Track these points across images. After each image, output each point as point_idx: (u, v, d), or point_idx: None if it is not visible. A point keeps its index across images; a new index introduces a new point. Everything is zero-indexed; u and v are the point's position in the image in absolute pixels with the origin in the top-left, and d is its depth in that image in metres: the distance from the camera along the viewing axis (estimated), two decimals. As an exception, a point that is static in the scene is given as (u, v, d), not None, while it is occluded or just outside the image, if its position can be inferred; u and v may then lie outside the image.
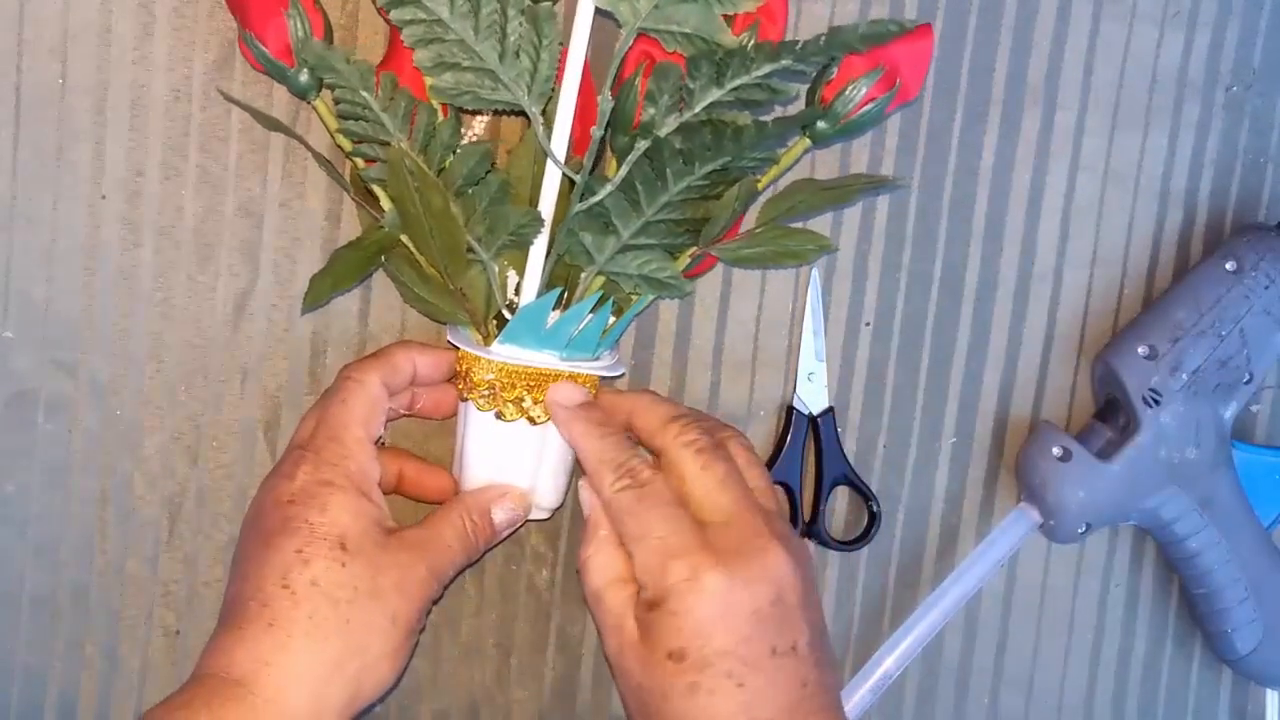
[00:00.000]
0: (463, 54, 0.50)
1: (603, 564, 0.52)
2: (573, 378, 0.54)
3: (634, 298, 0.55)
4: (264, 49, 0.52)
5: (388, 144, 0.52)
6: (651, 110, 0.50)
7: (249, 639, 0.49)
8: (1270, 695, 0.65)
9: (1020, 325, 0.63)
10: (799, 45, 0.49)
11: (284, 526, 0.50)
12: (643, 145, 0.50)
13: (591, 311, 0.53)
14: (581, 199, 0.52)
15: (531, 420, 0.54)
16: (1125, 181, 0.63)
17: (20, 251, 0.56)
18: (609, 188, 0.52)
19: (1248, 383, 0.60)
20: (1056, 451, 0.60)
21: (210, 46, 0.56)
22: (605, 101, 0.50)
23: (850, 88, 0.53)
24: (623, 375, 0.57)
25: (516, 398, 0.54)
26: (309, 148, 0.55)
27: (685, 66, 0.51)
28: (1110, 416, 0.61)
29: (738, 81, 0.50)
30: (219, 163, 0.57)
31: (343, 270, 0.53)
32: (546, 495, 0.56)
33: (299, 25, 0.52)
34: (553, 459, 0.55)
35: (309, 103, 0.53)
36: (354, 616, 0.49)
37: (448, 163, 0.53)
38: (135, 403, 0.58)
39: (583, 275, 0.55)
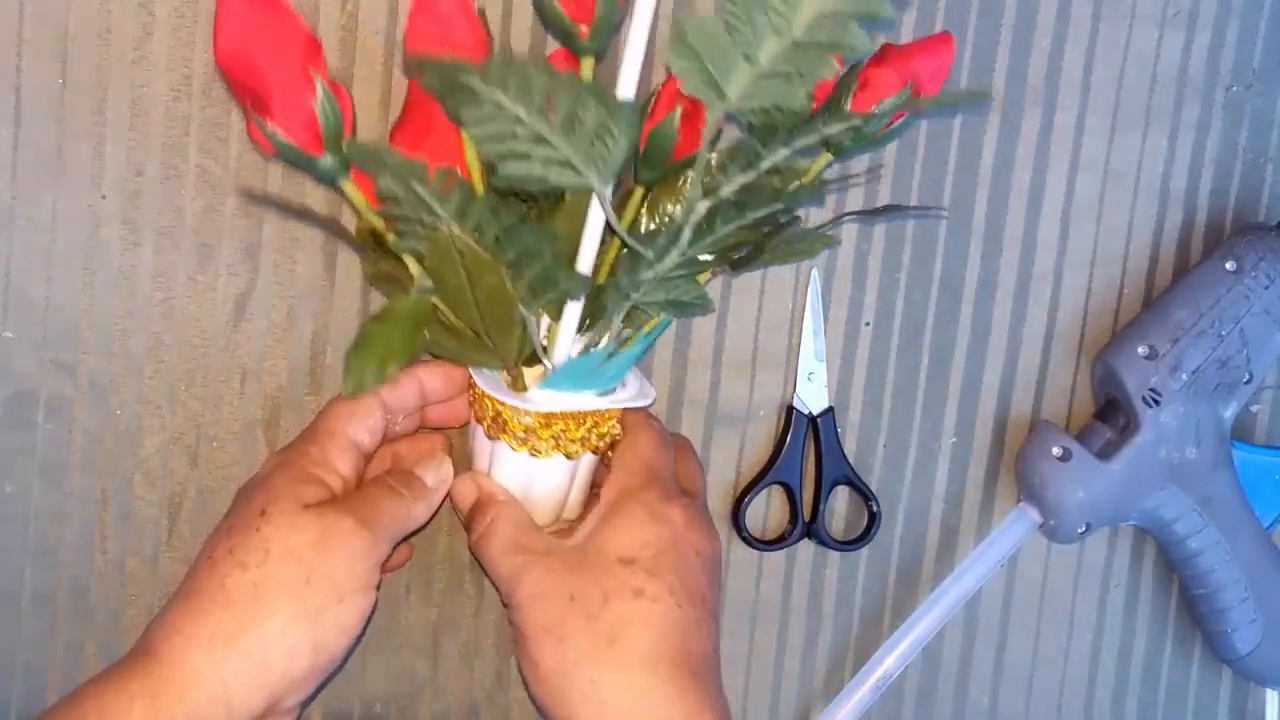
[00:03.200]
0: (535, 145, 0.47)
1: (514, 516, 0.53)
2: (610, 414, 0.54)
3: (653, 319, 0.54)
4: (282, 138, 0.49)
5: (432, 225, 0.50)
6: (722, 178, 0.49)
7: (166, 611, 0.49)
8: (1270, 695, 0.65)
9: (1020, 325, 0.63)
10: (875, 113, 0.50)
11: (231, 508, 0.52)
12: (704, 207, 0.49)
13: (620, 345, 0.53)
14: (627, 249, 0.51)
15: (568, 455, 0.54)
16: (1125, 181, 0.63)
17: (20, 251, 0.56)
18: (672, 255, 0.50)
19: (1248, 383, 0.60)
20: (1056, 451, 0.60)
21: (210, 46, 0.56)
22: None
23: (880, 106, 0.53)
24: (654, 402, 0.56)
25: (553, 437, 0.53)
26: (344, 236, 0.54)
27: (754, 131, 0.50)
28: (1110, 416, 0.61)
29: (805, 141, 0.49)
30: (219, 163, 0.57)
31: (387, 351, 0.51)
32: (573, 510, 0.56)
33: (329, 113, 0.50)
34: (582, 480, 0.56)
35: (335, 186, 0.52)
36: (261, 579, 0.48)
37: (498, 236, 0.50)
38: (135, 403, 0.58)
39: (609, 305, 0.53)
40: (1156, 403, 0.59)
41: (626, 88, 0.48)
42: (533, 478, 0.54)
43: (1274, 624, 0.61)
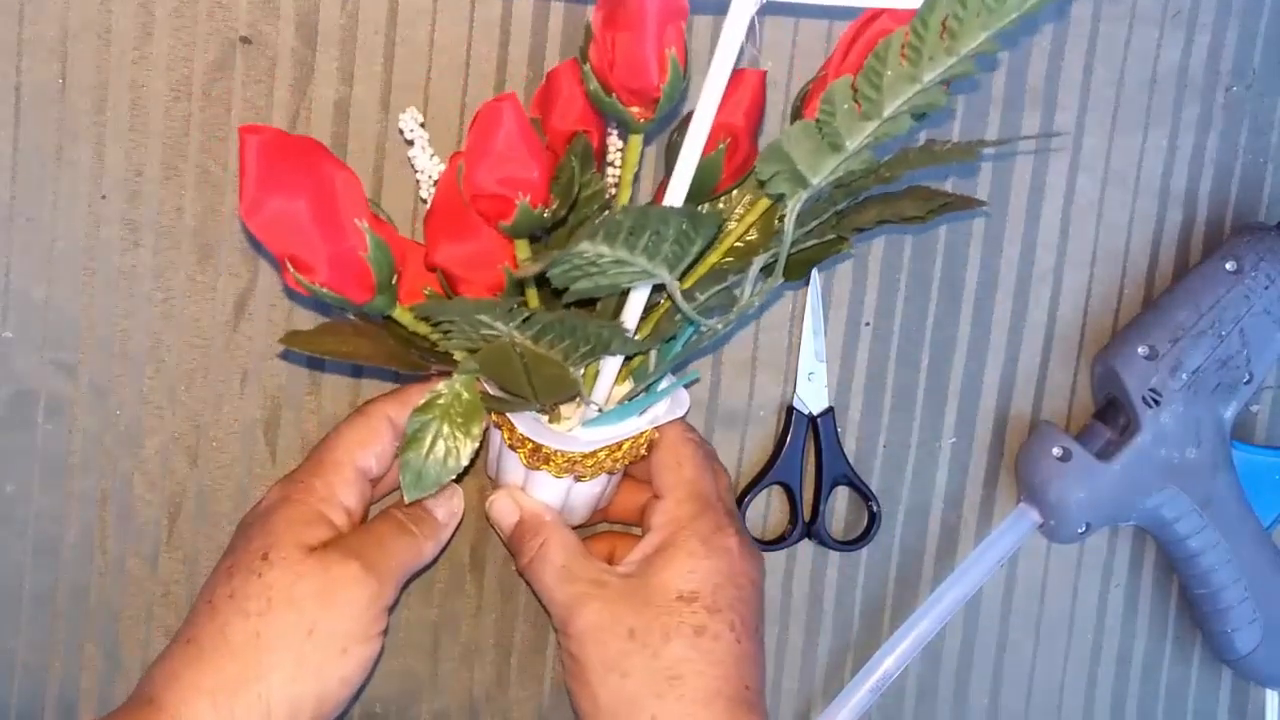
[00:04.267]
0: (613, 265, 0.44)
1: (564, 540, 0.53)
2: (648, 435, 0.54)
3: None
4: (322, 288, 0.47)
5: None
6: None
7: (167, 656, 0.49)
8: (1270, 695, 0.65)
9: (1020, 325, 0.63)
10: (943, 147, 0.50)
11: (231, 545, 0.51)
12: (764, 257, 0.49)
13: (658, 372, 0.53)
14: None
15: (610, 472, 0.54)
16: (1125, 181, 0.63)
17: (20, 251, 0.56)
18: (714, 320, 0.49)
19: (1248, 383, 0.60)
20: (1056, 451, 0.60)
21: (210, 46, 0.56)
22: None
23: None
24: (689, 407, 0.55)
25: (596, 464, 0.53)
26: (444, 365, 0.52)
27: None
28: (1110, 416, 0.61)
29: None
30: (219, 163, 0.57)
31: (448, 448, 0.50)
32: (604, 500, 0.57)
33: (382, 262, 0.47)
34: (615, 480, 0.56)
35: (382, 318, 0.50)
36: (264, 628, 0.48)
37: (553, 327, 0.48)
38: (135, 403, 0.58)
39: (655, 358, 0.52)
40: (1156, 403, 0.59)
41: (689, 161, 0.46)
42: (572, 491, 0.54)
43: (1274, 624, 0.61)
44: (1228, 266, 0.60)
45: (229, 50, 0.56)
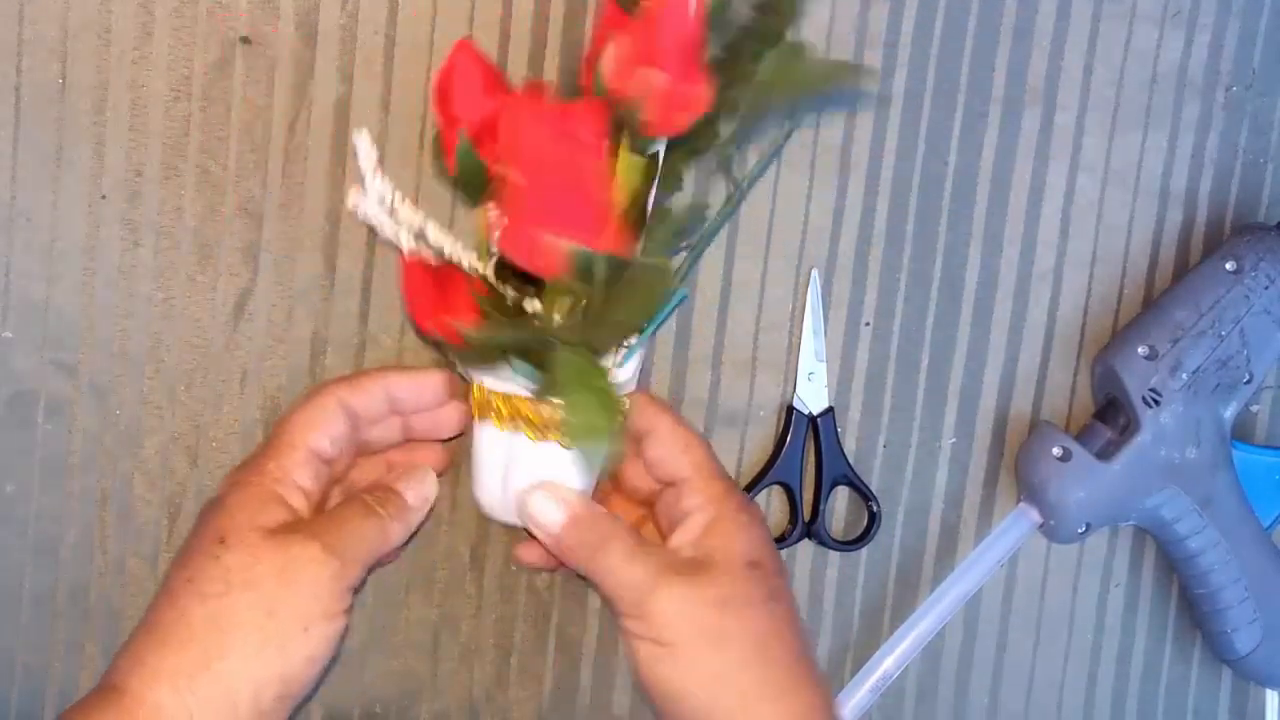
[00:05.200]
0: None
1: (621, 529, 0.52)
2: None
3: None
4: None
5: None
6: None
7: (130, 643, 0.49)
8: (1270, 695, 0.65)
9: (1020, 325, 0.63)
10: None
11: (190, 531, 0.51)
12: None
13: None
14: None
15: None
16: (1125, 181, 0.63)
17: (20, 251, 0.56)
18: None
19: (1248, 383, 0.60)
20: (1056, 451, 0.60)
21: (210, 46, 0.56)
22: None
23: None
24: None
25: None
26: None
27: None
28: (1110, 416, 0.61)
29: None
30: (219, 163, 0.57)
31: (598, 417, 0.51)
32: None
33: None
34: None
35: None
36: (222, 610, 0.47)
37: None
38: (135, 403, 0.58)
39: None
40: (1156, 403, 0.59)
41: None
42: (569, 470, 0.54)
43: (1274, 624, 0.61)
44: (1228, 266, 0.60)
45: (229, 50, 0.56)
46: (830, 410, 0.61)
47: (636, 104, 0.48)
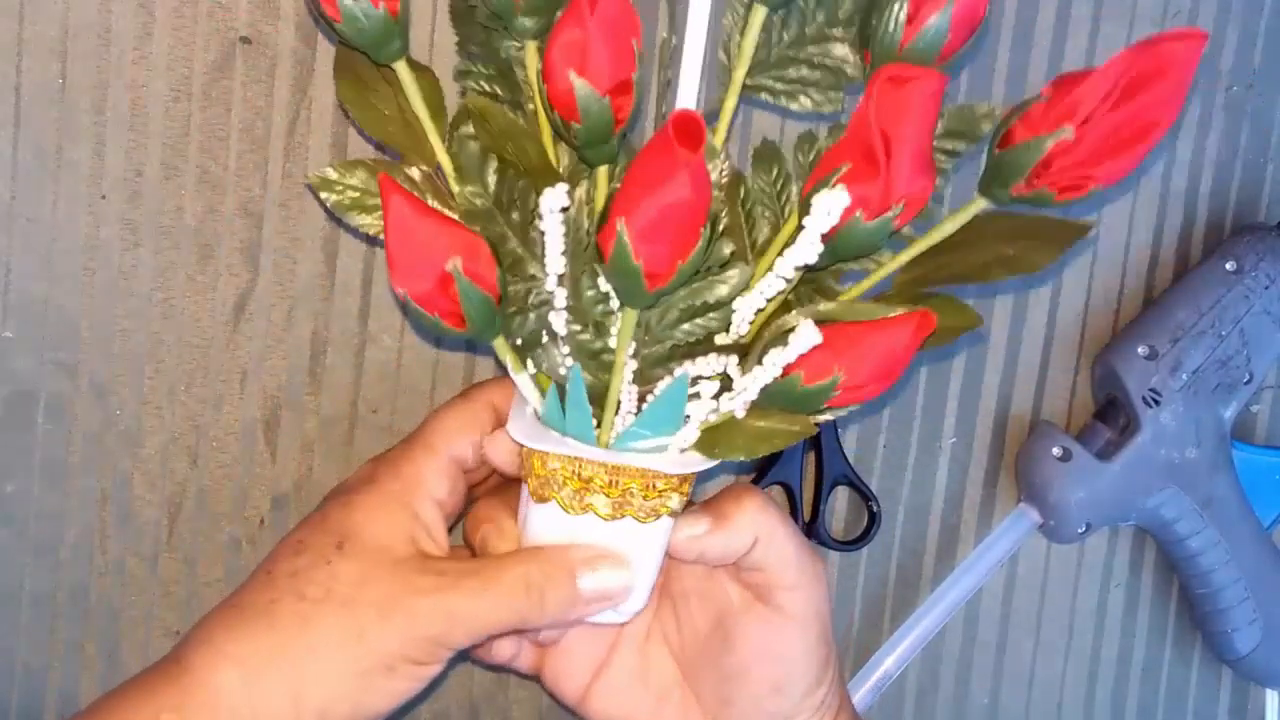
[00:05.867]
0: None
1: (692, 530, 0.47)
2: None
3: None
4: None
5: None
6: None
7: (207, 620, 0.46)
8: (1270, 695, 0.65)
9: (1020, 325, 0.63)
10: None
11: (308, 517, 0.48)
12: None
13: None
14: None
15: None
16: (1125, 182, 0.63)
17: (20, 251, 0.56)
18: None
19: (1248, 383, 0.60)
20: (1056, 451, 0.60)
21: (210, 46, 0.56)
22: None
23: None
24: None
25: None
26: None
27: None
28: (1110, 416, 0.61)
29: None
30: (219, 163, 0.57)
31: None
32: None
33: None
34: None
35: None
36: (314, 616, 0.44)
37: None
38: (135, 403, 0.58)
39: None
40: (1156, 403, 0.59)
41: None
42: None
43: (1274, 624, 0.61)
44: (1228, 266, 0.60)
45: (229, 50, 0.56)
46: (830, 410, 0.61)
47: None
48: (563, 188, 0.44)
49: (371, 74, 0.48)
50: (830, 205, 0.42)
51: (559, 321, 0.46)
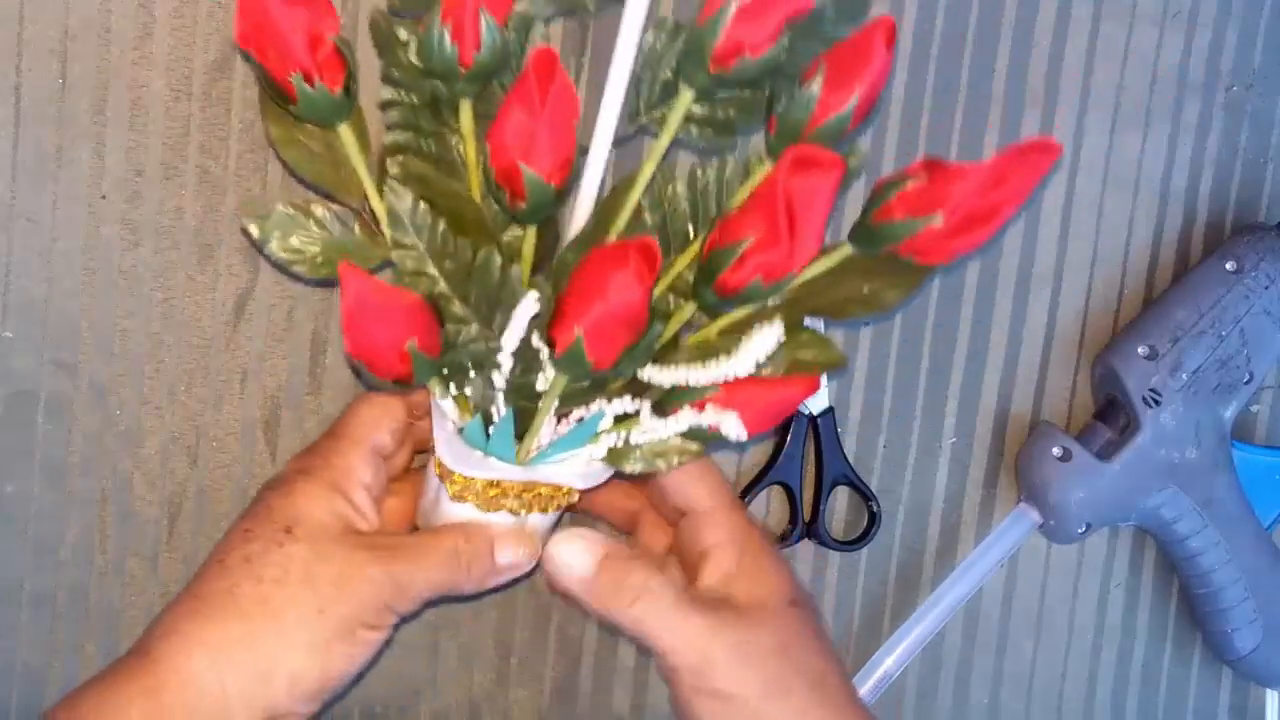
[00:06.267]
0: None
1: (662, 577, 0.51)
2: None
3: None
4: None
5: None
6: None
7: (167, 613, 0.48)
8: (1270, 695, 0.65)
9: (1020, 325, 0.63)
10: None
11: (249, 509, 0.51)
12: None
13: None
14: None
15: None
16: (1125, 181, 0.63)
17: (20, 251, 0.56)
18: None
19: (1248, 383, 0.60)
20: (1056, 451, 0.60)
21: (210, 46, 0.56)
22: None
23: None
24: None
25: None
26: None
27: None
28: (1110, 416, 0.61)
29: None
30: (219, 163, 0.57)
31: None
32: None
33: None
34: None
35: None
36: (274, 595, 0.47)
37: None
38: (135, 403, 0.58)
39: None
40: (1156, 403, 0.59)
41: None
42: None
43: (1274, 624, 0.61)
44: (1228, 266, 0.60)
45: (229, 50, 0.56)
46: (830, 410, 0.61)
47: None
48: (534, 296, 0.48)
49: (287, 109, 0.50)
50: (769, 342, 0.49)
51: (499, 378, 0.50)
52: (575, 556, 0.51)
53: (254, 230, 0.49)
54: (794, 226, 0.46)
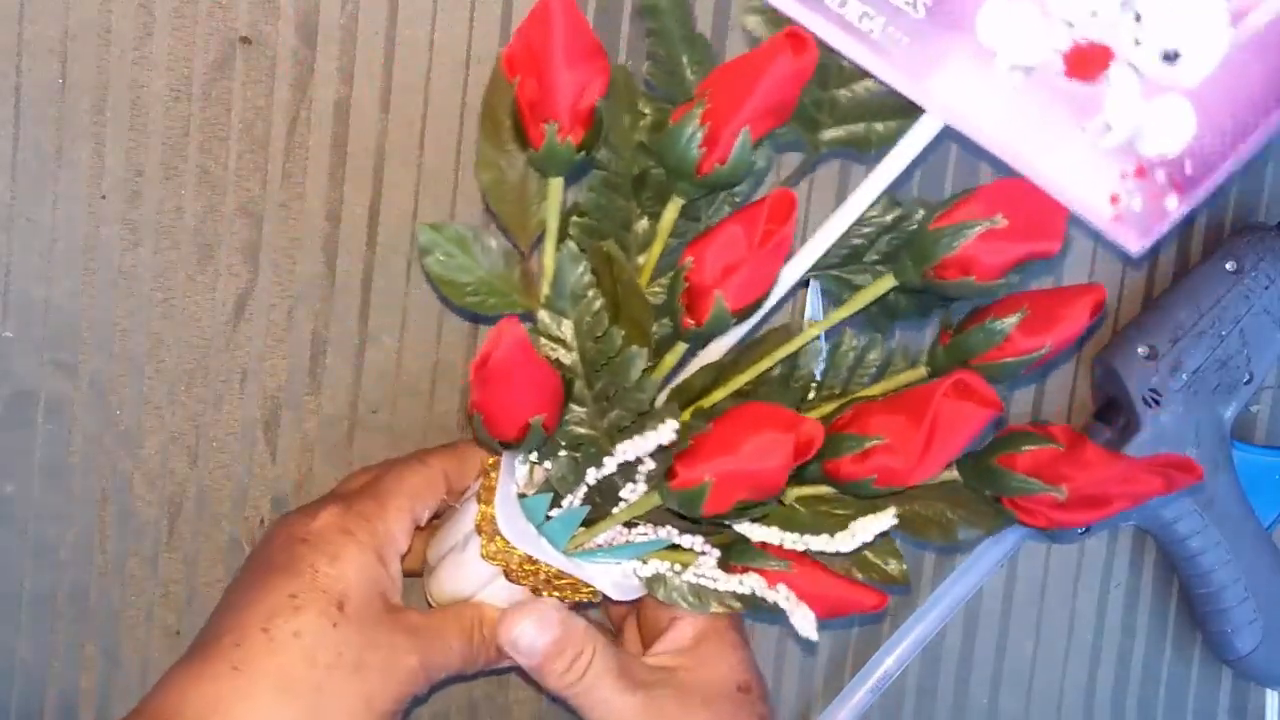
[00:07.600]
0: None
1: (607, 647, 0.51)
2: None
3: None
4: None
5: None
6: None
7: (209, 678, 0.46)
8: (1270, 695, 0.65)
9: (1020, 325, 0.63)
10: None
11: (288, 565, 0.48)
12: None
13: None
14: None
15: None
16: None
17: (20, 251, 0.56)
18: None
19: (1248, 383, 0.60)
20: (1056, 451, 0.60)
21: (210, 46, 0.56)
22: None
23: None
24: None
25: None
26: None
27: None
28: (1110, 416, 0.61)
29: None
30: (219, 163, 0.57)
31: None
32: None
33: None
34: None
35: None
36: (327, 684, 0.46)
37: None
38: (135, 403, 0.58)
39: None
40: (1156, 403, 0.59)
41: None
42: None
43: (1274, 624, 0.61)
44: (1228, 266, 0.60)
45: (229, 50, 0.56)
46: (830, 410, 0.61)
47: None
48: (673, 426, 0.46)
49: (509, 137, 0.49)
50: (878, 529, 0.48)
51: (593, 474, 0.49)
52: (526, 636, 0.50)
53: (424, 237, 0.49)
54: (930, 445, 0.46)
